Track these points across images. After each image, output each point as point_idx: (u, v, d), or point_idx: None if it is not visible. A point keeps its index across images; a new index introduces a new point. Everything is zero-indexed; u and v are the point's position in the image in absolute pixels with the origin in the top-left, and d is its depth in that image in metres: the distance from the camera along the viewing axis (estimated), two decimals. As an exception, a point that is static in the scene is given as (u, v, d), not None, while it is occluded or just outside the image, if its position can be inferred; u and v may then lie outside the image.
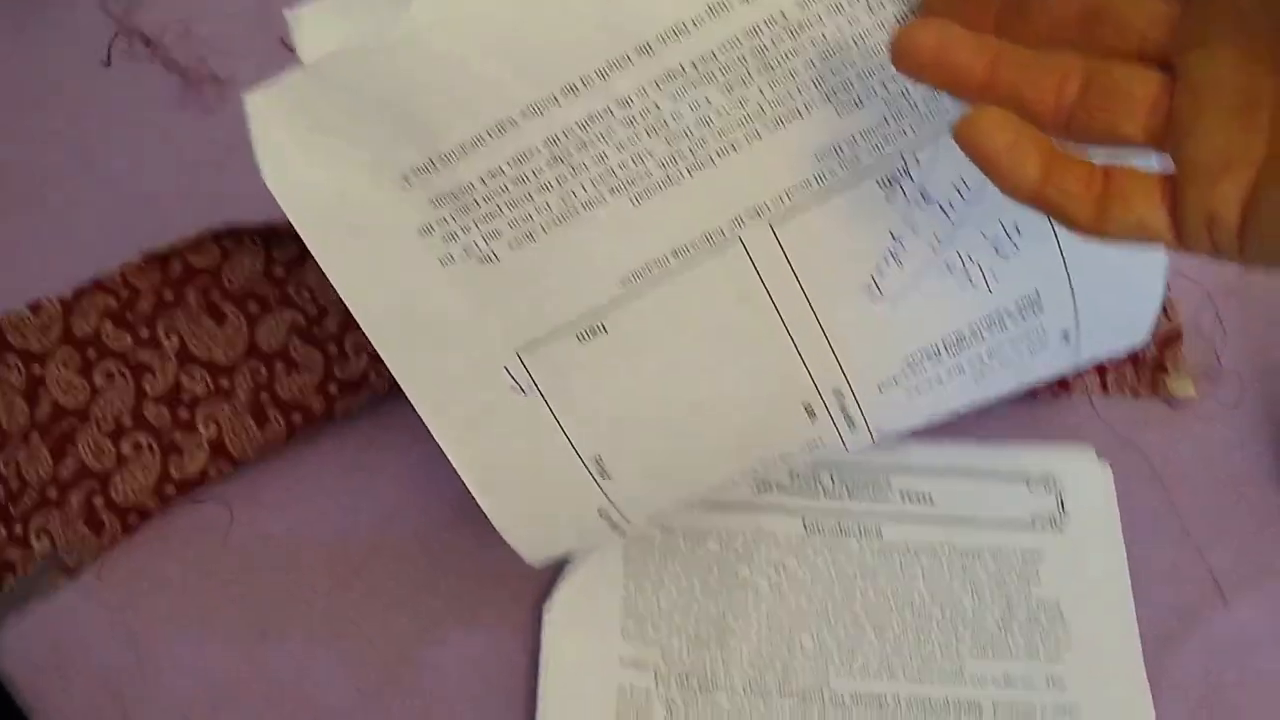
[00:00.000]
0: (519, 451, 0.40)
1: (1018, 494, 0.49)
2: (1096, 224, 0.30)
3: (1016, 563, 0.48)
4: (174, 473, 0.48)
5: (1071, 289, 0.40)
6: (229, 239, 0.51)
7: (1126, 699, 0.46)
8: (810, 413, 0.41)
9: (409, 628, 0.48)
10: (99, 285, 0.50)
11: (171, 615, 0.48)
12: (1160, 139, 0.30)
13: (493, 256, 0.37)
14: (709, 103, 0.35)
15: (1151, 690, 0.46)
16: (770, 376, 0.40)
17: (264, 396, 0.49)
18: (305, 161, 0.36)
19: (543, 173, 0.36)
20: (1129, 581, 0.48)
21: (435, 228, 0.36)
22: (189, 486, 0.49)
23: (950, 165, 0.37)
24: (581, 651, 0.47)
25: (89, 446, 0.48)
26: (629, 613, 0.47)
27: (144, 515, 0.48)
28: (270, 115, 0.35)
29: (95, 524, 0.48)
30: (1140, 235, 0.30)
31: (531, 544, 0.43)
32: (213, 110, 0.58)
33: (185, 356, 0.50)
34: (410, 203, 0.36)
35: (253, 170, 0.35)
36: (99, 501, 0.48)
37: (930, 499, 0.50)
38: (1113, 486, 0.50)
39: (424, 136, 0.35)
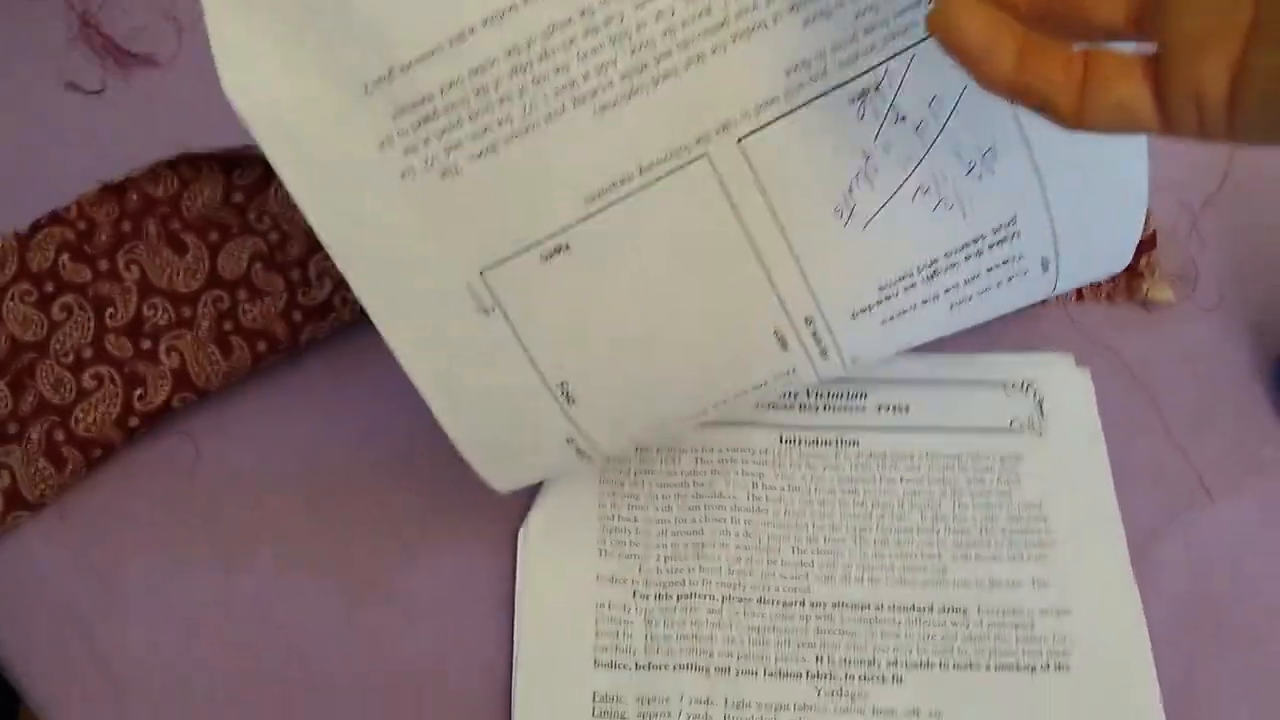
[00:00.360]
0: (484, 375, 0.39)
1: (996, 400, 0.49)
2: (1079, 113, 0.29)
3: (996, 467, 0.47)
4: (137, 404, 0.47)
5: (1050, 214, 0.40)
6: (187, 168, 0.50)
7: (1113, 597, 0.45)
8: (781, 340, 0.40)
9: (384, 552, 0.47)
10: (55, 218, 0.49)
11: (137, 550, 0.47)
12: (1142, 24, 0.28)
13: (454, 169, 0.36)
14: (673, 12, 0.34)
15: (1138, 587, 0.45)
16: (739, 299, 0.39)
17: (227, 325, 0.48)
18: (265, 68, 0.35)
19: (504, 83, 0.35)
20: (1111, 482, 0.47)
21: (396, 140, 0.35)
22: (153, 418, 0.48)
23: (923, 80, 0.36)
24: (559, 571, 0.46)
25: (48, 380, 0.47)
26: (606, 530, 0.47)
27: (108, 449, 0.47)
28: (227, 21, 0.34)
29: (57, 458, 0.47)
30: (1124, 121, 0.29)
31: (500, 472, 0.42)
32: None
33: (146, 287, 0.49)
34: (370, 113, 0.35)
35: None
36: (60, 435, 0.47)
37: (907, 409, 0.49)
38: (1092, 390, 0.49)
39: (383, 45, 0.34)
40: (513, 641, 0.45)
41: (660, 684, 0.43)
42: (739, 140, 0.36)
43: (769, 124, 0.36)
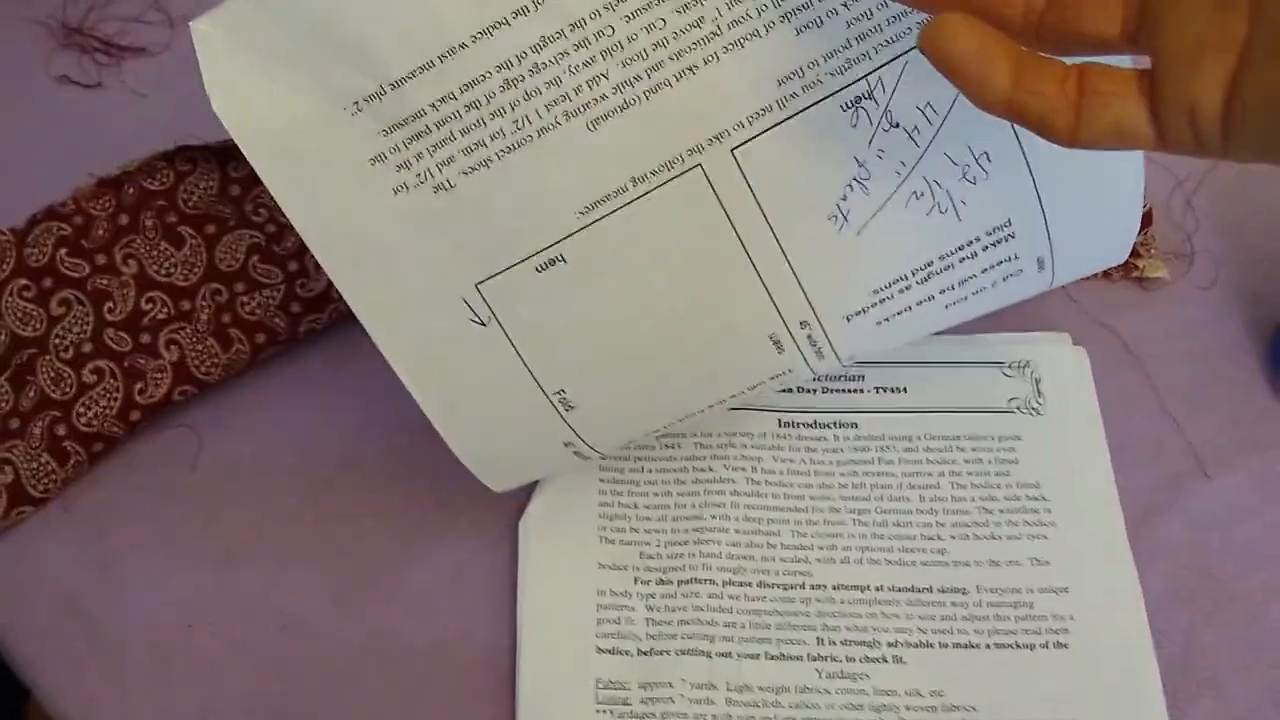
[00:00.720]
0: (480, 384, 0.40)
1: (993, 381, 0.49)
2: (1074, 130, 0.28)
3: (994, 447, 0.48)
4: (138, 398, 0.48)
5: (1044, 215, 0.39)
6: (183, 161, 0.50)
7: (1111, 575, 0.45)
8: (777, 344, 0.40)
9: (384, 540, 0.47)
10: (51, 212, 0.49)
11: (139, 541, 0.47)
12: (1136, 37, 0.28)
13: (447, 184, 0.36)
14: (665, 24, 0.34)
15: (1136, 563, 0.45)
16: (734, 306, 0.39)
17: (226, 318, 0.49)
18: (254, 88, 0.35)
19: (495, 98, 0.35)
20: (1109, 460, 0.47)
21: (388, 156, 0.36)
22: (154, 412, 0.48)
23: (916, 87, 0.36)
24: (560, 558, 0.46)
25: (48, 375, 0.48)
26: (606, 517, 0.47)
27: (109, 442, 0.48)
28: (216, 42, 0.34)
29: (59, 453, 0.47)
30: (1120, 138, 0.28)
31: (497, 474, 0.43)
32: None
33: (144, 281, 0.49)
34: (361, 130, 0.35)
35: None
36: (62, 430, 0.47)
37: (904, 390, 0.49)
38: (1089, 369, 0.49)
39: (372, 63, 0.34)
40: (515, 630, 0.45)
41: (662, 669, 0.44)
42: (732, 150, 0.36)
43: (762, 133, 0.36)
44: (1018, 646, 0.44)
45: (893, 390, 0.49)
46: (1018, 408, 0.48)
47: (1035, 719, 0.43)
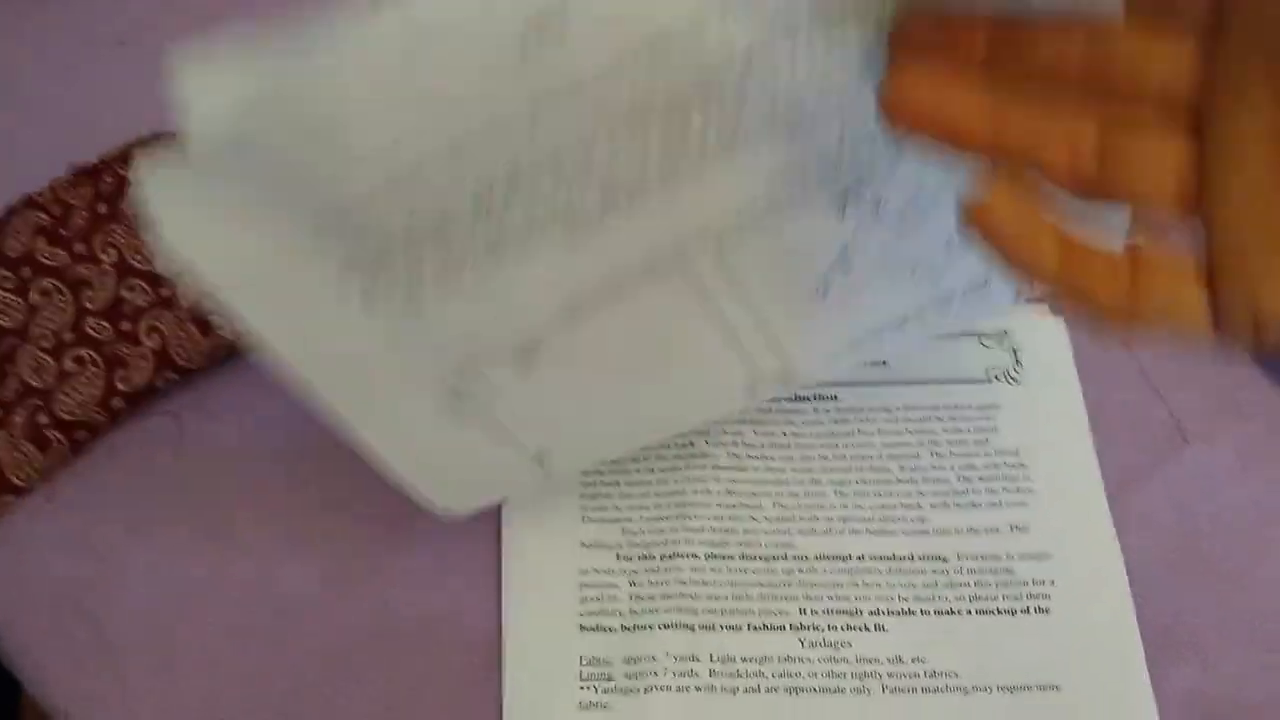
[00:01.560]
0: (460, 454, 0.40)
1: (972, 351, 0.49)
2: (1128, 313, 0.27)
3: (973, 416, 0.48)
4: (120, 385, 0.48)
5: None
6: (161, 149, 0.50)
7: (1091, 541, 0.45)
8: (752, 391, 0.42)
9: (370, 524, 0.47)
10: (29, 202, 0.49)
11: (125, 529, 0.47)
12: (1193, 205, 0.25)
13: (418, 299, 0.34)
14: (651, 149, 0.32)
15: (1119, 530, 0.46)
16: (713, 372, 0.40)
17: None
18: (211, 227, 0.32)
19: (465, 218, 0.33)
20: (1088, 427, 0.48)
21: (354, 273, 0.34)
22: (136, 399, 0.48)
23: (906, 178, 0.35)
24: (543, 539, 0.46)
25: (29, 364, 0.48)
26: (588, 496, 0.47)
27: (92, 430, 0.48)
28: (164, 187, 0.31)
29: (41, 442, 0.47)
30: (1178, 325, 0.26)
31: (463, 505, 0.43)
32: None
33: (124, 269, 0.49)
34: (327, 252, 0.33)
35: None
36: (43, 419, 0.47)
37: (884, 362, 0.49)
38: (1067, 338, 0.49)
39: (333, 186, 0.32)
40: (500, 611, 0.45)
41: (646, 644, 0.44)
42: (718, 242, 0.36)
43: (748, 227, 0.35)
44: (999, 612, 0.44)
45: (872, 362, 0.49)
46: (996, 377, 0.49)
47: (1017, 683, 0.43)
